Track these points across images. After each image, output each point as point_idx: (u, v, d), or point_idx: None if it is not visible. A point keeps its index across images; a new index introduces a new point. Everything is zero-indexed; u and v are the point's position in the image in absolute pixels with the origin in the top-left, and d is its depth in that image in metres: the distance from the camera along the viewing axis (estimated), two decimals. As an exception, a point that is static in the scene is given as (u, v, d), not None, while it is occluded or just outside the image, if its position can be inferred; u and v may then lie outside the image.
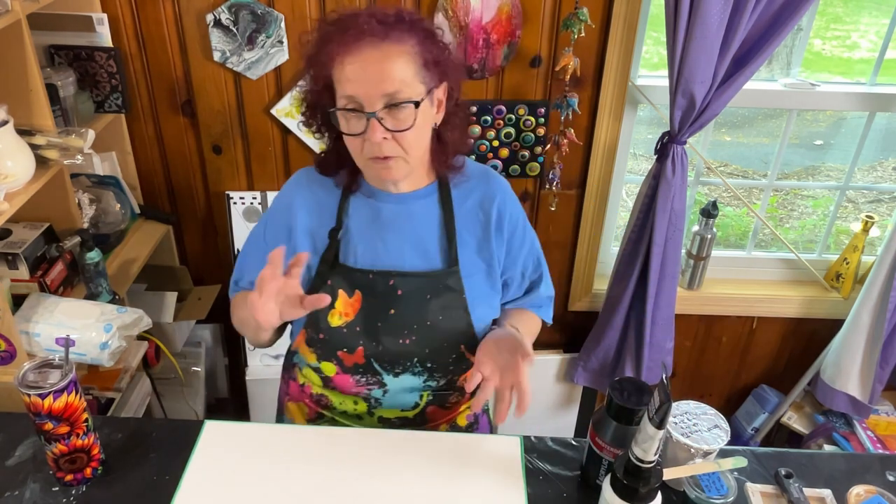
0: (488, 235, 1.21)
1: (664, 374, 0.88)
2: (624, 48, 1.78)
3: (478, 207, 1.22)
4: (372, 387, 1.22)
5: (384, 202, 1.19)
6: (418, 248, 1.19)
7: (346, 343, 1.18)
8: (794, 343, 2.26)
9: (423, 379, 1.22)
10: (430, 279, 1.18)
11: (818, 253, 2.21)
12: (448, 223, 1.19)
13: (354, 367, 1.20)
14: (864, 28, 4.71)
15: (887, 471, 1.19)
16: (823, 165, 4.05)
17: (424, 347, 1.19)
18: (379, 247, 1.19)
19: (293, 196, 1.22)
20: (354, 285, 1.18)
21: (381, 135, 1.04)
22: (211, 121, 1.90)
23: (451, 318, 1.19)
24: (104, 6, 1.73)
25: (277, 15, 1.73)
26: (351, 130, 1.07)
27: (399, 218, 1.19)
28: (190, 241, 2.11)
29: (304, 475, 1.12)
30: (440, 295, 1.18)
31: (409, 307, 1.17)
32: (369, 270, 1.17)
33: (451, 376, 1.24)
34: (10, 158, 1.37)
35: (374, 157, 1.08)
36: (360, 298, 1.18)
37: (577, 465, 1.17)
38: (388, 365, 1.20)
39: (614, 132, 1.91)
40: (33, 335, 1.45)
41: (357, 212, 1.20)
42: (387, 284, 1.17)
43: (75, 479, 1.10)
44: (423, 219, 1.19)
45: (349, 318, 1.18)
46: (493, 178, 1.25)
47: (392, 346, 1.18)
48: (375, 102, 1.03)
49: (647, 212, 1.89)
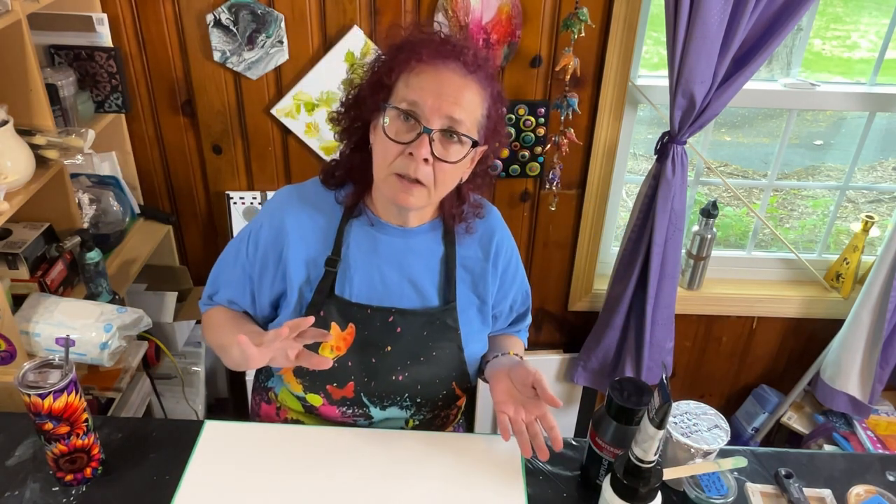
0: (485, 272, 1.20)
1: (664, 374, 0.88)
2: (624, 48, 1.78)
3: (477, 243, 1.20)
4: (357, 418, 1.21)
5: (386, 234, 1.15)
6: (417, 285, 1.17)
7: (336, 378, 1.16)
8: (794, 343, 2.26)
9: (411, 413, 1.21)
10: (429, 317, 1.16)
11: (818, 253, 2.21)
12: (449, 260, 1.17)
13: (342, 399, 1.18)
14: (864, 28, 4.71)
15: (887, 471, 1.19)
16: (823, 165, 4.05)
17: (416, 384, 1.17)
18: (377, 280, 1.15)
19: (285, 218, 1.14)
20: (349, 319, 1.14)
21: (426, 155, 1.00)
22: (211, 121, 1.90)
23: (446, 355, 1.18)
24: (104, 6, 1.73)
25: (277, 15, 1.73)
26: (397, 136, 1.02)
27: (399, 252, 1.16)
28: (190, 241, 2.11)
29: (305, 475, 1.12)
30: (436, 332, 1.16)
31: (405, 344, 1.15)
32: (368, 306, 1.14)
33: (438, 411, 1.23)
34: (10, 158, 1.37)
35: (402, 174, 1.03)
36: (354, 332, 1.14)
37: (577, 465, 1.17)
38: (377, 399, 1.18)
39: (614, 132, 1.91)
40: (33, 335, 1.45)
41: (356, 241, 1.15)
42: (386, 321, 1.14)
43: (75, 479, 1.10)
44: (424, 254, 1.17)
45: (341, 352, 1.15)
46: (491, 212, 1.24)
47: (384, 382, 1.16)
48: (436, 121, 1.00)
49: (647, 212, 1.89)
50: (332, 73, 1.80)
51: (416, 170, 1.01)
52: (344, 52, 1.78)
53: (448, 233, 1.18)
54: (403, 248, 1.16)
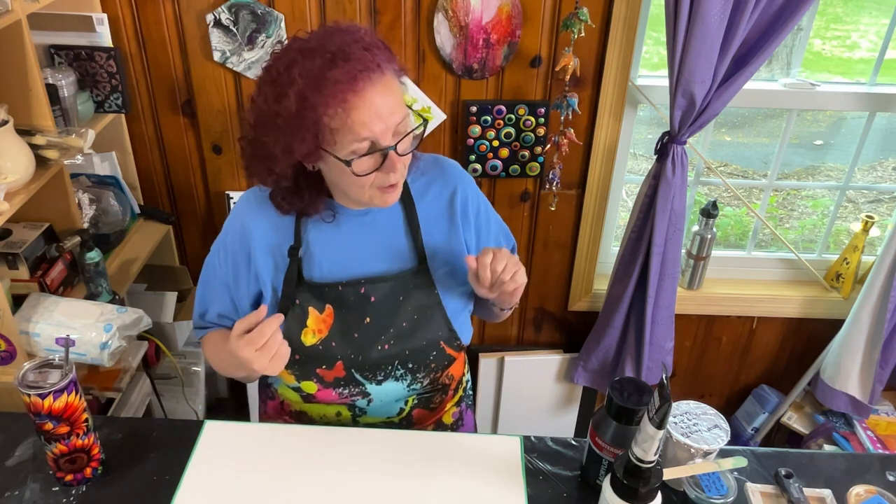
0: (455, 226, 1.20)
1: (664, 374, 0.88)
2: (624, 48, 1.78)
3: (439, 200, 1.20)
4: (355, 398, 1.21)
5: (344, 214, 1.17)
6: (385, 252, 1.18)
7: (324, 360, 1.16)
8: (794, 343, 2.26)
9: (407, 383, 1.21)
10: (400, 280, 1.17)
11: (818, 253, 2.21)
12: (411, 221, 1.18)
13: (335, 381, 1.19)
14: (864, 28, 4.71)
15: (887, 471, 1.19)
16: (823, 165, 4.05)
17: (404, 349, 1.17)
18: (344, 257, 1.17)
19: (245, 218, 1.17)
20: (324, 300, 1.16)
21: (401, 164, 1.04)
22: (211, 121, 1.90)
23: (427, 316, 1.18)
24: (104, 6, 1.73)
25: (277, 15, 1.73)
26: (367, 170, 1.02)
27: (362, 225, 1.17)
28: (190, 241, 2.11)
29: (305, 475, 1.12)
30: (412, 294, 1.17)
31: (383, 312, 1.16)
32: (338, 282, 1.15)
33: (433, 374, 1.23)
34: (10, 158, 1.37)
35: (382, 186, 1.05)
36: (332, 313, 1.16)
37: (577, 465, 1.17)
38: (370, 374, 1.18)
39: (614, 132, 1.91)
40: (33, 335, 1.45)
41: (316, 226, 1.17)
42: (358, 293, 1.15)
43: (75, 479, 1.10)
44: (386, 221, 1.18)
45: (323, 334, 1.16)
46: (447, 165, 1.24)
47: (371, 353, 1.17)
48: (388, 136, 1.01)
49: (647, 212, 1.89)
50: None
51: (395, 178, 1.05)
52: (344, 52, 1.78)
53: (405, 194, 1.18)
54: (364, 221, 1.17)
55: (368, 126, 0.98)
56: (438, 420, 1.31)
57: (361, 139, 0.99)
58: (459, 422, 1.37)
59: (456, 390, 1.34)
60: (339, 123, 0.98)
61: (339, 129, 0.98)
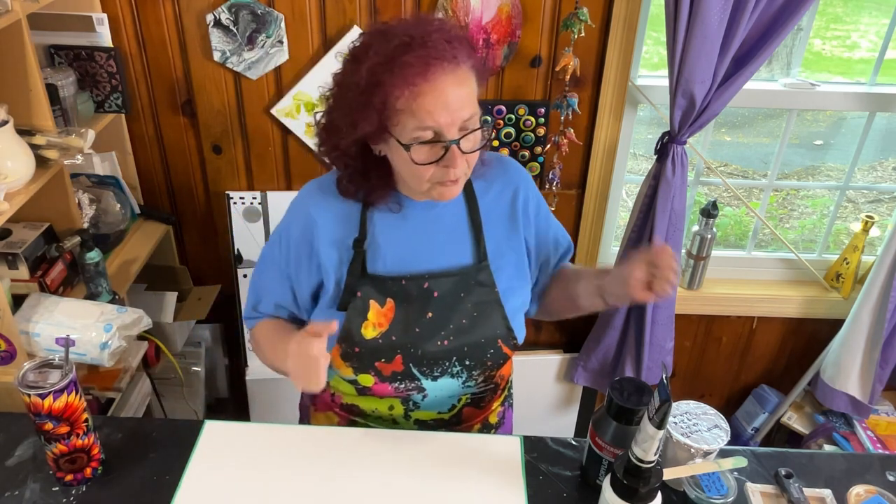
0: (516, 224, 1.21)
1: (664, 374, 0.88)
2: (624, 48, 1.78)
3: (501, 198, 1.21)
4: (411, 392, 1.21)
5: (410, 208, 1.16)
6: (447, 247, 1.18)
7: (383, 354, 1.16)
8: (794, 343, 2.26)
9: (463, 380, 1.21)
10: (462, 277, 1.17)
11: (818, 253, 2.21)
12: (474, 218, 1.18)
13: (392, 374, 1.18)
14: (864, 28, 4.71)
15: (887, 471, 1.19)
16: (823, 165, 4.05)
17: (462, 345, 1.17)
18: (408, 251, 1.16)
19: (309, 209, 1.17)
20: (386, 294, 1.15)
21: (462, 160, 1.02)
22: (211, 121, 1.90)
23: (486, 314, 1.18)
24: (104, 6, 1.73)
25: (277, 15, 1.73)
26: (427, 160, 1.02)
27: (426, 220, 1.17)
28: (190, 241, 2.11)
29: (304, 475, 1.12)
30: (473, 291, 1.17)
31: (444, 308, 1.16)
32: (401, 276, 1.15)
33: (488, 372, 1.22)
34: (10, 158, 1.37)
35: (441, 181, 1.05)
36: (393, 307, 1.16)
37: (577, 465, 1.17)
38: (427, 369, 1.18)
39: (614, 132, 1.91)
40: (33, 335, 1.45)
41: (382, 218, 1.16)
42: (421, 288, 1.15)
43: (75, 479, 1.10)
44: (450, 217, 1.18)
45: (383, 328, 1.15)
46: (509, 164, 1.25)
47: (430, 349, 1.16)
48: (453, 130, 1.00)
49: (647, 212, 1.89)
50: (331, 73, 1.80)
51: (454, 174, 1.03)
52: (344, 52, 1.78)
53: (468, 192, 1.19)
54: (429, 216, 1.17)
55: (434, 115, 0.98)
56: (485, 419, 1.31)
57: (425, 127, 0.98)
58: (502, 421, 1.37)
59: (504, 390, 1.34)
60: (404, 106, 0.98)
61: (404, 111, 0.98)
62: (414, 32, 0.98)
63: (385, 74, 0.97)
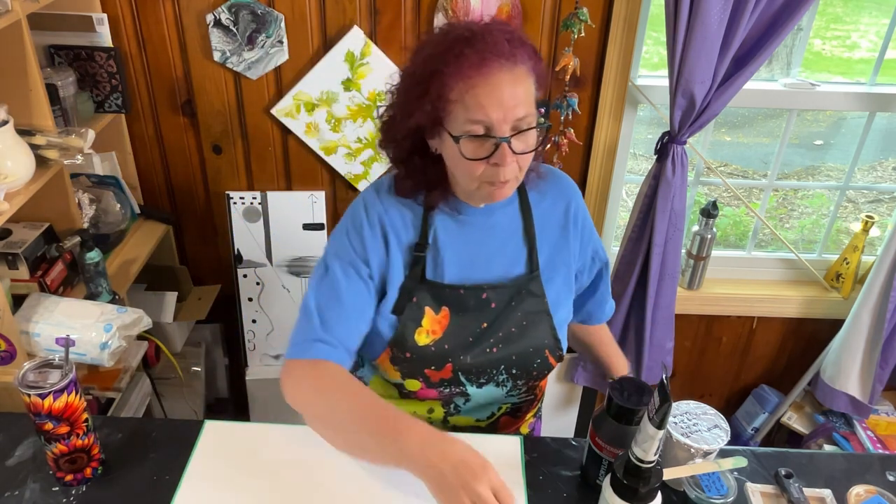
0: (567, 236, 1.22)
1: (664, 374, 0.88)
2: (624, 48, 1.78)
3: (554, 209, 1.21)
4: (455, 396, 1.21)
5: (469, 215, 1.16)
6: (503, 257, 1.18)
7: (434, 361, 1.15)
8: (794, 343, 2.26)
9: (507, 389, 1.21)
10: (515, 286, 1.17)
11: (818, 253, 2.21)
12: (528, 228, 1.19)
13: (440, 381, 1.18)
14: (864, 28, 4.72)
15: (887, 471, 1.19)
16: (823, 165, 4.05)
17: (511, 354, 1.18)
18: (466, 259, 1.16)
19: (381, 207, 1.14)
20: (442, 301, 1.15)
21: (511, 159, 1.01)
22: (211, 121, 1.90)
23: (535, 323, 1.18)
24: (104, 6, 1.73)
25: (277, 15, 1.73)
26: (477, 155, 1.01)
27: (484, 229, 1.17)
28: (190, 241, 2.11)
29: (304, 475, 1.12)
30: (524, 301, 1.17)
31: (498, 317, 1.16)
32: (460, 286, 1.15)
33: (532, 382, 1.23)
34: (10, 158, 1.37)
35: (490, 181, 1.03)
36: (448, 315, 1.15)
37: (577, 465, 1.17)
38: (474, 376, 1.18)
39: (614, 132, 1.91)
40: (33, 335, 1.45)
41: (443, 225, 1.16)
42: (479, 298, 1.16)
43: (75, 479, 1.10)
44: (507, 227, 1.18)
45: (437, 335, 1.15)
46: (562, 176, 1.26)
47: (480, 357, 1.17)
48: (505, 127, 0.99)
49: (647, 212, 1.89)
50: (332, 73, 1.81)
51: (504, 174, 1.02)
52: (344, 52, 1.78)
53: (524, 202, 1.19)
54: (487, 225, 1.17)
55: (486, 109, 0.97)
56: (517, 429, 1.32)
57: (476, 120, 0.98)
58: (532, 433, 1.38)
59: (539, 401, 1.35)
60: (457, 97, 0.98)
61: (457, 102, 0.98)
62: (475, 28, 0.99)
63: (441, 64, 0.98)
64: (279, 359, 2.12)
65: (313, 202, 1.97)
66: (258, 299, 2.05)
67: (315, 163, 1.95)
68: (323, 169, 1.97)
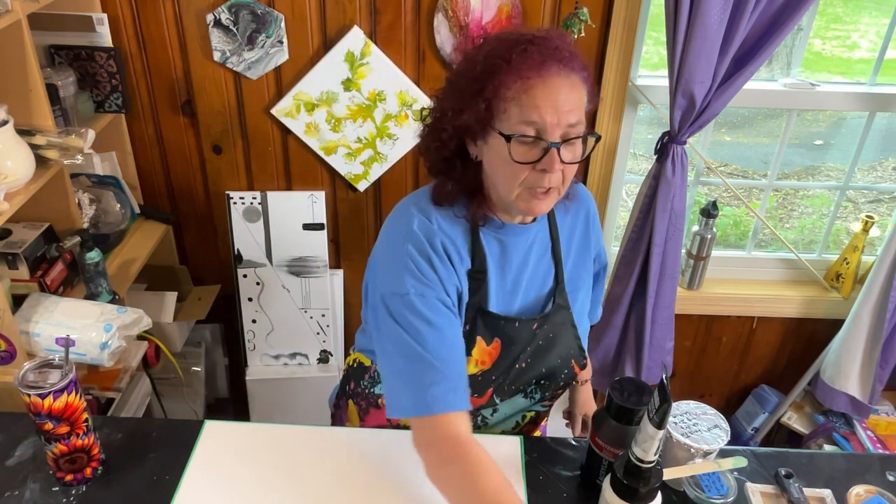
0: (587, 245, 1.22)
1: (664, 374, 0.88)
2: (624, 48, 1.78)
3: (577, 220, 1.22)
4: (484, 409, 1.20)
5: (510, 235, 1.12)
6: (538, 277, 1.17)
7: (477, 389, 1.14)
8: (794, 343, 2.26)
9: (534, 401, 1.21)
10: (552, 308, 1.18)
11: (818, 253, 2.21)
12: (555, 245, 1.19)
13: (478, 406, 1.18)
14: (864, 28, 4.71)
15: (887, 471, 1.19)
16: (823, 165, 4.05)
17: (541, 367, 1.18)
18: (509, 286, 1.14)
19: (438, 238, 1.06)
20: (495, 333, 1.12)
21: (559, 166, 0.99)
22: (211, 121, 1.90)
23: (561, 335, 1.19)
24: (104, 6, 1.73)
25: (277, 15, 1.73)
26: (525, 158, 0.98)
27: (522, 250, 1.14)
28: (190, 241, 2.11)
29: (304, 475, 1.12)
30: (551, 313, 1.17)
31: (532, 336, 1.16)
32: (517, 318, 1.13)
33: (558, 391, 1.24)
34: (10, 158, 1.37)
35: (534, 188, 1.01)
36: (499, 347, 1.13)
37: (577, 465, 1.17)
38: (507, 394, 1.19)
39: (614, 132, 1.91)
40: (33, 335, 1.45)
41: (490, 249, 1.11)
42: (530, 329, 1.15)
43: (75, 479, 1.10)
44: (540, 246, 1.18)
45: (486, 366, 1.13)
46: (580, 188, 1.25)
47: (514, 378, 1.17)
48: (557, 132, 0.98)
49: (647, 212, 1.89)
50: (332, 73, 1.81)
51: (549, 181, 1.00)
52: (344, 52, 1.78)
53: (551, 218, 1.19)
54: (527, 244, 1.15)
55: (540, 111, 0.96)
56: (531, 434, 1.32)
57: (530, 121, 0.97)
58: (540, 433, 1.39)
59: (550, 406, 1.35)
60: (514, 95, 0.97)
61: (513, 101, 0.97)
62: (533, 34, 1.00)
63: (501, 63, 0.97)
64: (279, 359, 2.12)
65: (313, 202, 1.97)
66: (258, 299, 2.05)
67: (315, 163, 1.95)
68: (323, 169, 1.97)
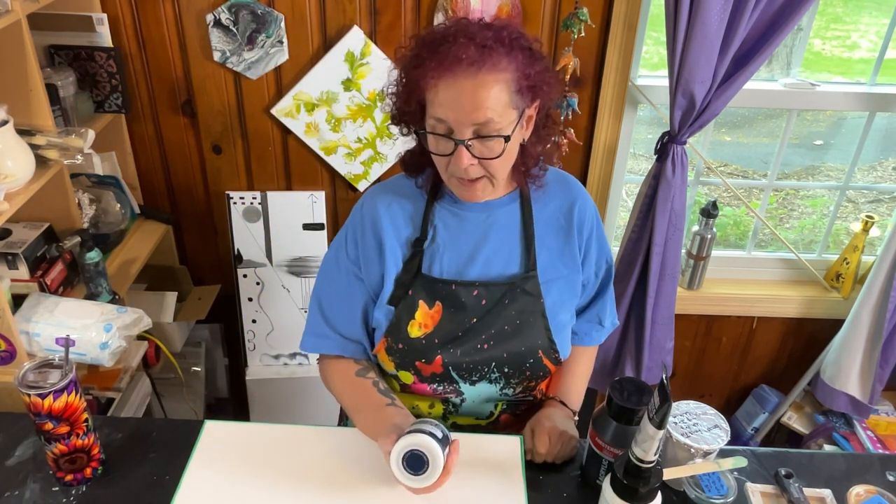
0: (570, 241, 1.22)
1: (664, 374, 0.88)
2: (624, 48, 1.78)
3: (558, 213, 1.23)
4: (449, 395, 1.23)
5: (469, 210, 1.19)
6: (500, 257, 1.20)
7: (425, 354, 1.18)
8: (794, 343, 2.26)
9: (500, 387, 1.22)
10: (511, 285, 1.19)
11: (818, 253, 2.21)
12: (527, 229, 1.20)
13: (431, 376, 1.20)
14: (864, 28, 4.71)
15: (887, 471, 1.19)
16: (823, 165, 4.05)
17: (502, 353, 1.19)
18: (463, 256, 1.19)
19: (377, 208, 1.20)
20: (436, 296, 1.18)
21: (469, 161, 1.05)
22: (211, 121, 1.90)
23: (529, 323, 1.19)
24: (104, 6, 1.73)
25: (277, 15, 1.73)
26: (439, 151, 1.08)
27: (483, 226, 1.20)
28: (190, 241, 2.11)
29: (305, 475, 1.12)
30: (517, 300, 1.19)
31: (490, 315, 1.18)
32: (453, 281, 1.18)
33: (527, 382, 1.23)
34: (10, 158, 1.37)
35: (460, 177, 1.09)
36: (441, 310, 1.18)
37: (577, 465, 1.17)
38: (466, 373, 1.20)
39: (614, 132, 1.91)
40: (33, 335, 1.45)
41: (442, 221, 1.20)
42: (471, 295, 1.18)
43: (75, 479, 1.10)
44: (506, 226, 1.20)
45: (428, 329, 1.18)
46: (571, 183, 1.27)
47: (470, 353, 1.18)
48: (465, 131, 1.03)
49: (647, 212, 1.89)
50: (332, 73, 1.81)
51: (468, 173, 1.07)
52: (344, 52, 1.78)
53: (525, 201, 1.21)
54: (487, 222, 1.20)
55: (445, 109, 1.02)
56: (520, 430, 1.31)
57: (438, 118, 1.04)
58: None
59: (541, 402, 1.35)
60: (430, 95, 1.04)
61: (429, 99, 1.05)
62: (457, 29, 1.04)
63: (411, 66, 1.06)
64: (279, 359, 2.12)
65: (313, 202, 1.97)
66: (258, 299, 2.05)
67: (315, 163, 1.95)
68: (323, 169, 1.97)
